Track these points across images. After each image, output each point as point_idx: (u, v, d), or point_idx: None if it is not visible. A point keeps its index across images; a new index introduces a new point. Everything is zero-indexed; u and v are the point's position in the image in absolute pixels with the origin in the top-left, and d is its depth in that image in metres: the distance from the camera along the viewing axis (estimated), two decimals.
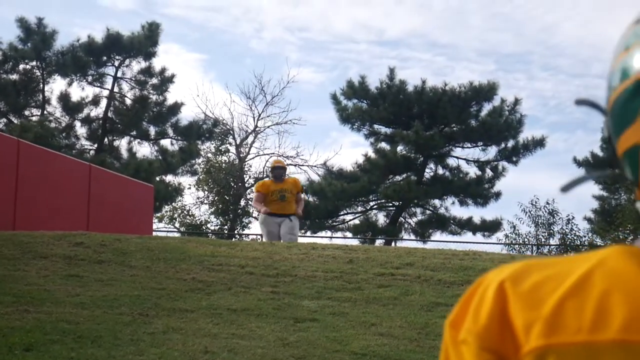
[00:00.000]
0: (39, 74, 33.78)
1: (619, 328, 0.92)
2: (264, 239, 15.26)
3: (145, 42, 33.52)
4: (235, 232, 41.00)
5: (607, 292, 0.95)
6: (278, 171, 15.41)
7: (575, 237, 34.55)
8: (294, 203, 15.21)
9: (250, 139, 43.31)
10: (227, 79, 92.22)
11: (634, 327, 0.92)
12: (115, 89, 34.43)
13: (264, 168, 43.30)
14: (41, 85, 33.94)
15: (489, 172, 34.78)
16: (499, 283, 1.02)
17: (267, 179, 16.50)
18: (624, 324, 0.92)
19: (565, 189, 1.13)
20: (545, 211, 34.53)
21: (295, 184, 15.61)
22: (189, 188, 43.18)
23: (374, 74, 60.71)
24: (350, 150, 76.42)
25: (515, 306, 0.99)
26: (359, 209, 36.24)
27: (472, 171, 34.79)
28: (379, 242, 33.14)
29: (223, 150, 43.43)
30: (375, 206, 36.14)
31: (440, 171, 35.05)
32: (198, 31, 66.50)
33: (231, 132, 43.03)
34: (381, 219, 35.94)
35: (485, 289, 1.03)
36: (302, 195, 15.97)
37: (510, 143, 34.25)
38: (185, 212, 43.36)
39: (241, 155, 42.94)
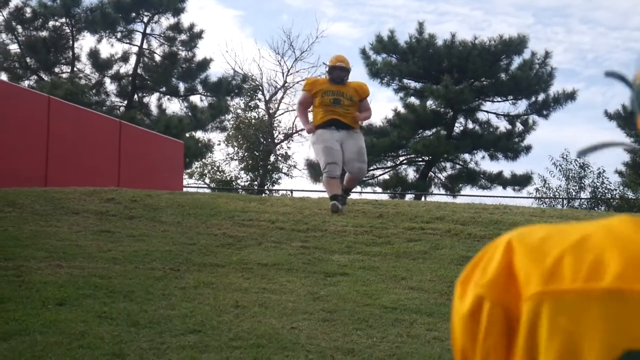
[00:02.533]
0: (68, 30, 33.84)
1: (613, 278, 0.97)
2: (321, 161, 11.17)
3: None
4: (265, 187, 41.12)
5: (605, 247, 1.00)
6: (338, 73, 11.23)
7: (606, 191, 34.32)
8: (355, 111, 11.23)
9: (279, 94, 43.27)
10: (263, 35, 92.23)
11: (627, 277, 0.96)
12: (144, 46, 34.46)
13: (293, 124, 43.30)
14: (70, 42, 34.02)
15: (519, 126, 34.58)
16: (508, 240, 1.07)
17: (318, 78, 12.18)
18: (618, 274, 0.97)
19: (582, 153, 1.16)
20: (576, 165, 34.30)
21: (361, 88, 11.42)
22: (219, 144, 43.37)
23: (410, 29, 60.46)
24: (380, 105, 76.29)
25: (520, 258, 1.03)
26: (389, 164, 36.20)
27: (502, 125, 34.61)
28: (408, 196, 33.11)
29: (252, 106, 43.46)
30: (404, 161, 36.07)
31: (470, 125, 34.90)
32: None
33: (260, 88, 43.01)
34: (411, 173, 35.91)
35: (495, 247, 1.09)
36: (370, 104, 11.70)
37: (541, 96, 33.99)
38: (215, 168, 43.54)
39: (270, 111, 42.93)
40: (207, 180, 43.64)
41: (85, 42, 66.35)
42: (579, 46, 66.38)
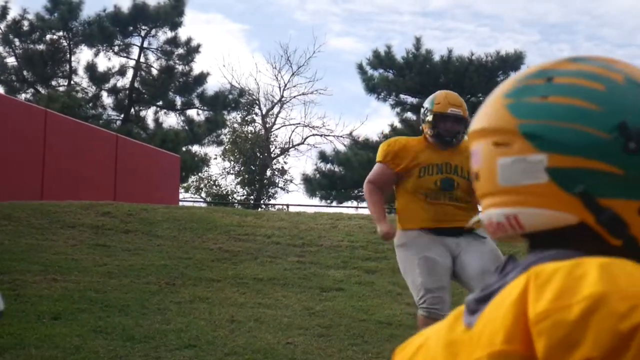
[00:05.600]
0: (65, 44, 33.86)
1: None
2: (413, 283, 5.74)
3: (172, 12, 33.49)
4: (262, 202, 41.11)
5: (435, 350, 1.21)
6: (451, 127, 5.96)
7: None
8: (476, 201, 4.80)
9: (276, 109, 43.32)
10: (269, 50, 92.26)
11: None
12: (142, 59, 34.48)
13: (289, 138, 43.24)
14: (68, 56, 34.03)
15: None
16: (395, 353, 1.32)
17: (409, 138, 6.19)
18: None
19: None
20: None
21: None
22: (215, 158, 43.35)
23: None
24: (377, 120, 76.48)
25: None
26: None
27: None
28: None
29: (249, 120, 43.51)
30: None
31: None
32: (243, 2, 66.86)
33: (257, 102, 43.05)
34: None
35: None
36: None
37: None
38: (211, 182, 43.55)
39: (267, 125, 42.94)
40: (203, 195, 43.65)
41: (83, 56, 66.40)
42: None
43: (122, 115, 34.39)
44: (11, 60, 33.56)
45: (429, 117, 5.92)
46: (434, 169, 5.78)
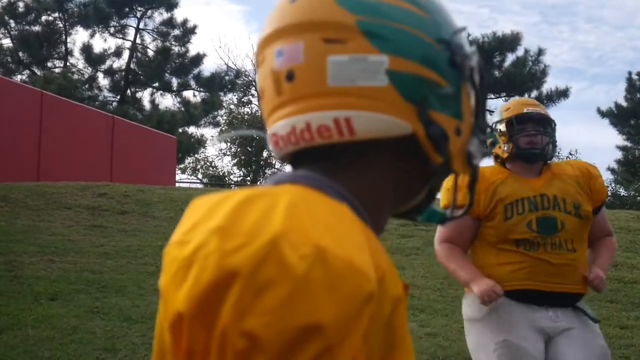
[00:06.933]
0: (61, 25, 33.76)
1: None
2: None
3: None
4: (258, 183, 41.11)
5: None
6: (532, 132, 3.92)
7: None
8: (585, 249, 3.91)
9: None
10: None
11: None
12: (138, 41, 34.39)
13: None
14: (63, 37, 33.93)
15: None
16: None
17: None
18: None
19: (217, 140, 1.16)
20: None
21: (593, 178, 3.96)
22: (212, 139, 43.26)
23: None
24: None
25: None
26: None
27: None
28: None
29: (245, 101, 43.46)
30: None
31: None
32: None
33: (253, 83, 42.98)
34: None
35: None
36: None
37: (534, 93, 34.03)
38: (207, 163, 43.53)
39: None
40: (199, 176, 43.66)
41: (78, 37, 66.32)
42: (585, 44, 66.86)
43: (118, 97, 34.34)
44: (7, 42, 33.50)
45: (501, 127, 4.05)
46: (524, 205, 3.88)
